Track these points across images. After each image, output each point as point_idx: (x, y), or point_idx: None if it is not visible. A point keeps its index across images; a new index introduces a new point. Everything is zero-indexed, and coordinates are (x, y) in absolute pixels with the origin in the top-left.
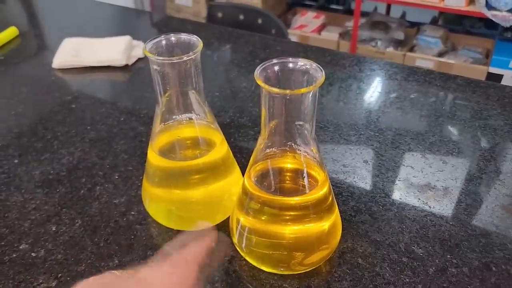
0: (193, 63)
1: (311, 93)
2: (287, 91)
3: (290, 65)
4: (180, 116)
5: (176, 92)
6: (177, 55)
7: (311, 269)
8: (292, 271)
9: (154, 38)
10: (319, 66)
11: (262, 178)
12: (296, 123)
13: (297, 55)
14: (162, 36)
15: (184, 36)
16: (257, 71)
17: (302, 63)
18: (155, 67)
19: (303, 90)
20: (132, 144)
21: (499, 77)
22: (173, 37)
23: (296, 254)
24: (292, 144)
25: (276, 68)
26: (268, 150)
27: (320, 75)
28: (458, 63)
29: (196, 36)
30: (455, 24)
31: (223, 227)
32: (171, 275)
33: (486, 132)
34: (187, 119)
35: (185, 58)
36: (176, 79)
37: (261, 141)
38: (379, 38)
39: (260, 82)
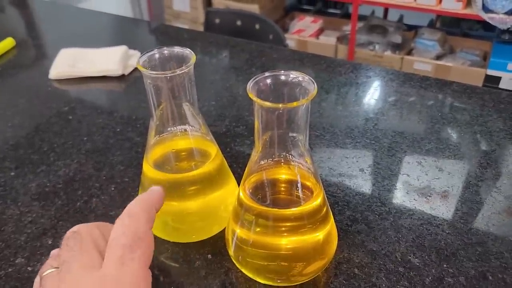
0: (186, 76)
1: (304, 105)
2: (280, 105)
3: (282, 77)
4: (174, 128)
5: (170, 105)
6: (170, 68)
7: (307, 280)
8: (288, 282)
9: (147, 52)
10: (311, 78)
11: (257, 190)
12: (290, 134)
13: (293, 62)
14: (155, 49)
15: (177, 49)
16: (249, 85)
17: (294, 76)
18: (148, 81)
19: (295, 103)
20: (128, 155)
21: (497, 79)
22: (166, 50)
23: (292, 266)
24: (286, 155)
25: (269, 81)
26: (262, 162)
27: (312, 88)
28: (456, 66)
29: (189, 49)
30: (453, 26)
31: (220, 239)
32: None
33: (482, 138)
34: (182, 131)
35: (178, 72)
36: (170, 92)
37: (255, 153)
38: (377, 41)
39: (252, 96)
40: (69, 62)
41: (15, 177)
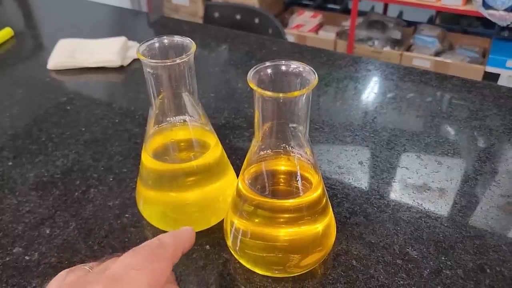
0: (186, 65)
1: (304, 95)
2: (280, 95)
3: (283, 67)
4: (174, 118)
5: (170, 94)
6: (170, 57)
7: (305, 271)
8: (286, 273)
9: (147, 41)
10: (312, 68)
11: (256, 181)
12: (290, 125)
13: (293, 55)
14: (155, 38)
15: (177, 38)
16: (250, 74)
17: (295, 66)
18: (148, 69)
19: (296, 93)
20: (126, 146)
21: (496, 76)
22: (166, 39)
23: (290, 257)
24: (286, 146)
25: (269, 71)
26: (262, 153)
27: (313, 78)
28: (455, 62)
29: (189, 38)
30: (452, 23)
31: (218, 230)
32: (141, 271)
33: (481, 133)
34: (181, 121)
35: (178, 61)
36: (170, 81)
37: (254, 144)
38: (376, 37)
39: (253, 85)
40: (68, 53)
41: (13, 167)
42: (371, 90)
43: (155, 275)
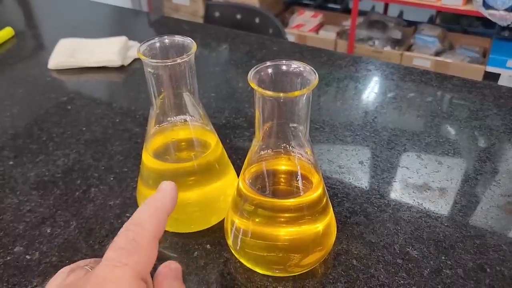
0: (187, 65)
1: (305, 95)
2: (281, 94)
3: (284, 67)
4: (174, 118)
5: (170, 94)
6: (171, 57)
7: (305, 271)
8: (286, 273)
9: (148, 40)
10: (312, 68)
11: (257, 180)
12: (290, 125)
13: (293, 55)
14: (156, 38)
15: (178, 38)
16: (251, 74)
17: (296, 66)
18: (149, 69)
19: (296, 93)
20: (127, 145)
21: (496, 76)
22: (167, 39)
23: (290, 256)
24: (287, 146)
25: (270, 70)
26: (262, 152)
27: (313, 78)
28: (456, 62)
29: (190, 38)
30: (453, 23)
31: (219, 229)
32: (124, 267)
33: (482, 133)
34: (182, 121)
35: (179, 61)
36: (170, 81)
37: (255, 143)
38: (377, 37)
39: (253, 85)
40: (68, 53)
41: (14, 166)
42: (371, 90)
43: (138, 265)
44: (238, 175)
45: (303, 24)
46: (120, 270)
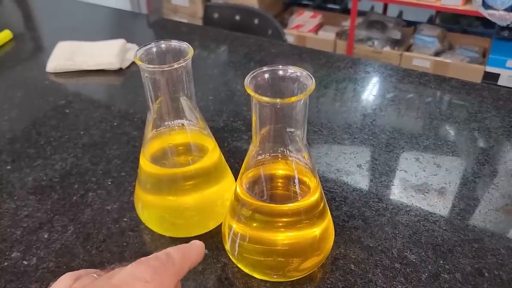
0: (184, 70)
1: (301, 101)
2: (277, 100)
3: (280, 72)
4: (171, 122)
5: (168, 99)
6: (168, 62)
7: (303, 275)
8: (284, 278)
9: (145, 45)
10: (309, 73)
11: (254, 185)
12: (287, 130)
13: (292, 57)
14: (153, 43)
15: (174, 43)
16: (247, 80)
17: (293, 71)
18: (146, 74)
19: (293, 99)
20: (125, 149)
21: (496, 76)
22: (163, 44)
23: (288, 261)
24: (284, 150)
25: (266, 76)
26: (259, 157)
27: (310, 83)
28: (455, 62)
29: (186, 43)
30: (452, 23)
31: (216, 234)
32: (147, 284)
33: (480, 135)
34: (179, 125)
35: (175, 66)
36: (167, 86)
37: (252, 148)
38: (376, 37)
39: (250, 91)
40: (67, 55)
41: (11, 171)
42: (370, 92)
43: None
44: (235, 179)
45: (302, 25)
46: (141, 285)
